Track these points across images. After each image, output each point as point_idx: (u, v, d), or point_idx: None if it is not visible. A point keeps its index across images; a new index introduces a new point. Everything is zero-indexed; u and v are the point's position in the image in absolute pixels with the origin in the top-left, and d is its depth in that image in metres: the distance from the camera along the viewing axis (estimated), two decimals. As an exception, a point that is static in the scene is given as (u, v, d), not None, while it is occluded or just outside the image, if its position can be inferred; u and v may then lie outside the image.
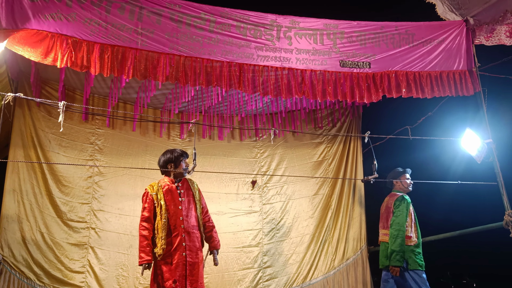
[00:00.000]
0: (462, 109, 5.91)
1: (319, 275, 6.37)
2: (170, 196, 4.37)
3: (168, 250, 4.21)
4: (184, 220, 4.31)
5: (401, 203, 5.14)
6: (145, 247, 4.16)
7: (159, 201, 4.32)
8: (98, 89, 5.71)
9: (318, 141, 6.97)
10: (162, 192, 4.37)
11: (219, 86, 4.64)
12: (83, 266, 5.35)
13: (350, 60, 5.13)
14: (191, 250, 4.27)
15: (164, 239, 4.21)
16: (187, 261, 4.21)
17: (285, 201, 6.58)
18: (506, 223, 4.92)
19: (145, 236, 4.20)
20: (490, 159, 5.20)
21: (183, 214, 4.33)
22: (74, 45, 4.16)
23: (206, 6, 4.75)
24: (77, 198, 5.51)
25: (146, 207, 4.33)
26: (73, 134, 5.66)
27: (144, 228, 4.24)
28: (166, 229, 4.25)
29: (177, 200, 4.38)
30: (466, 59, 5.52)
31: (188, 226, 4.32)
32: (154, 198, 4.34)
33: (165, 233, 4.23)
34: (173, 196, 4.38)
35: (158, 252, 4.18)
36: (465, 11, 5.58)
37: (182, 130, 6.35)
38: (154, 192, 4.37)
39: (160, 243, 4.20)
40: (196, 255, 4.30)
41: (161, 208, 4.29)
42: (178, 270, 4.16)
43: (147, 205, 4.33)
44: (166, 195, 4.36)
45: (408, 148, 6.20)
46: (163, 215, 4.27)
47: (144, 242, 4.18)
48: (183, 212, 4.34)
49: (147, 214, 4.29)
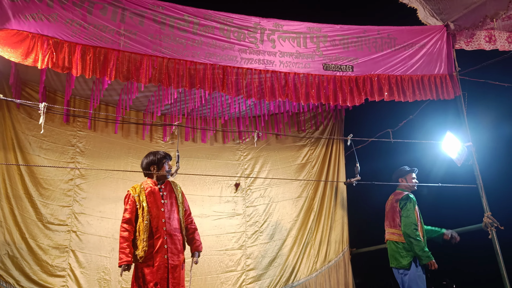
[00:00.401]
0: (443, 113, 5.99)
1: (301, 277, 6.39)
2: (152, 198, 4.34)
3: (149, 253, 4.17)
4: (166, 223, 4.29)
5: (407, 202, 5.07)
6: (125, 248, 4.13)
7: (141, 203, 4.29)
8: (80, 91, 5.65)
9: (301, 144, 7.00)
10: (144, 194, 4.34)
11: (203, 88, 4.63)
12: (63, 269, 5.27)
13: (333, 64, 5.16)
14: (173, 253, 4.25)
15: (146, 241, 4.18)
16: (169, 263, 4.19)
17: (268, 203, 6.59)
18: (485, 224, 5.00)
19: (125, 238, 4.16)
20: (470, 162, 5.27)
21: (165, 217, 4.31)
22: (55, 46, 4.11)
23: (190, 8, 4.74)
24: (58, 201, 5.44)
25: (128, 208, 4.29)
26: (54, 136, 5.59)
27: (124, 230, 4.20)
28: (148, 231, 4.22)
29: (159, 202, 4.35)
30: (447, 63, 5.60)
31: (170, 228, 4.29)
32: (136, 200, 4.31)
33: (147, 235, 4.20)
34: (156, 198, 4.35)
35: (140, 254, 4.15)
36: (445, 16, 5.67)
37: (165, 133, 6.32)
38: (137, 194, 4.34)
39: (142, 245, 4.16)
40: (178, 258, 4.28)
41: (143, 210, 4.26)
42: (160, 273, 4.13)
43: (128, 206, 4.29)
44: (148, 197, 4.33)
45: (389, 151, 6.27)
46: (145, 217, 4.24)
47: (124, 244, 4.14)
48: (165, 215, 4.32)
49: (128, 216, 4.26)
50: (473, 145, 5.30)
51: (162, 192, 4.43)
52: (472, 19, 5.43)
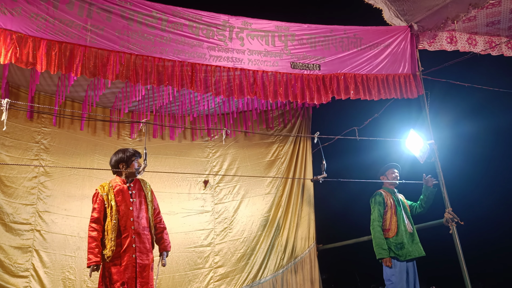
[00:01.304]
0: (406, 111, 6.14)
1: (268, 274, 6.44)
2: (121, 196, 4.29)
3: (117, 252, 4.13)
4: (135, 221, 4.25)
5: (372, 200, 5.34)
6: (94, 248, 4.07)
7: (110, 201, 4.24)
8: (45, 87, 5.52)
9: (270, 141, 7.05)
10: (113, 193, 4.29)
11: (171, 85, 4.60)
12: (26, 269, 5.15)
13: (301, 62, 5.23)
14: (141, 252, 4.21)
15: (114, 240, 4.13)
16: (137, 263, 4.15)
17: (237, 200, 6.62)
18: (446, 220, 5.15)
19: (94, 237, 4.11)
20: (432, 159, 5.42)
21: (134, 215, 4.27)
22: (19, 40, 4.00)
23: (158, 5, 4.70)
24: (21, 199, 5.30)
25: (96, 207, 4.23)
26: (17, 133, 5.44)
27: (93, 229, 4.14)
28: (116, 230, 4.17)
29: (128, 200, 4.31)
30: (411, 63, 5.74)
31: (138, 227, 4.26)
32: (105, 198, 4.25)
33: (115, 235, 4.15)
34: (124, 197, 4.31)
35: (107, 254, 4.10)
36: (409, 17, 5.81)
37: (132, 130, 6.25)
38: (105, 192, 4.28)
39: (110, 244, 4.12)
40: (147, 257, 4.24)
41: (112, 209, 4.21)
42: (128, 272, 4.09)
43: (97, 205, 4.23)
44: (117, 195, 4.28)
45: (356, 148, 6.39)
46: (114, 216, 4.19)
47: (92, 244, 4.09)
48: (134, 213, 4.28)
49: (97, 215, 4.20)
50: (435, 143, 5.44)
51: (131, 190, 4.39)
52: (435, 21, 5.59)
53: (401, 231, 5.15)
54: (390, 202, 5.29)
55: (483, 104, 6.11)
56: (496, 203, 6.05)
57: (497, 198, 6.15)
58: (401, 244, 5.10)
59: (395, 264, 5.07)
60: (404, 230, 5.17)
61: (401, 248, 5.09)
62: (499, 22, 5.74)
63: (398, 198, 5.38)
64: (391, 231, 5.18)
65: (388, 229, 5.19)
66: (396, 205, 5.29)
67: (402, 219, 5.23)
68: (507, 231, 5.94)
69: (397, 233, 5.14)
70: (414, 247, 5.12)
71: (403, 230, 5.16)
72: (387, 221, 5.22)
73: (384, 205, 5.27)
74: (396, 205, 5.29)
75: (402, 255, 5.07)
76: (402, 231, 5.15)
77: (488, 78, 5.78)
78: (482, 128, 6.06)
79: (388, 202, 5.29)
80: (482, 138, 6.11)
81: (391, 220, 5.21)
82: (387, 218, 5.23)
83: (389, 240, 5.14)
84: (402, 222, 5.21)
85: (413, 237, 5.19)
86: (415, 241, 5.17)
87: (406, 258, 5.06)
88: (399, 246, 5.10)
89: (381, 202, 5.26)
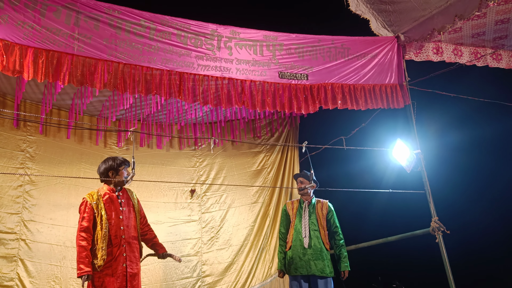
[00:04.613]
0: (393, 121, 6.19)
1: (256, 283, 6.43)
2: (111, 205, 4.26)
3: (108, 261, 4.09)
4: (125, 230, 4.23)
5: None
6: (84, 258, 4.01)
7: (100, 210, 4.20)
8: (31, 95, 5.48)
9: (257, 150, 7.06)
10: (102, 201, 4.25)
11: (159, 94, 4.60)
12: (11, 279, 5.07)
13: (289, 72, 5.25)
14: (131, 261, 4.19)
15: (105, 249, 4.09)
16: (127, 272, 4.13)
17: (224, 209, 6.60)
18: (433, 229, 5.18)
19: (84, 247, 4.05)
20: (419, 168, 5.46)
21: (124, 224, 4.25)
22: (5, 48, 3.98)
23: (146, 13, 4.70)
24: (6, 208, 5.23)
25: (86, 216, 4.17)
26: (2, 141, 5.38)
27: (83, 239, 4.08)
28: (107, 239, 4.13)
29: (118, 209, 4.28)
30: (397, 73, 5.80)
31: (128, 236, 4.24)
32: (94, 207, 4.21)
33: (106, 244, 4.11)
34: (114, 206, 4.28)
35: (98, 263, 4.05)
36: (396, 28, 5.88)
37: (119, 138, 6.22)
38: (94, 201, 4.23)
39: (101, 253, 4.07)
40: (136, 266, 4.23)
41: (102, 218, 4.17)
42: (119, 281, 4.07)
43: (86, 214, 4.17)
44: (106, 204, 4.25)
45: (343, 158, 6.41)
46: (104, 225, 4.15)
47: (83, 253, 4.02)
48: (124, 222, 4.25)
49: (86, 224, 4.14)
50: (421, 152, 5.49)
51: (120, 199, 4.36)
52: (421, 32, 5.66)
53: (295, 245, 5.03)
54: (292, 214, 5.23)
55: (469, 114, 6.17)
56: (482, 212, 6.10)
57: (483, 207, 6.20)
58: (291, 258, 5.01)
59: (290, 278, 5.06)
60: (300, 244, 4.99)
61: (291, 263, 5.00)
62: (484, 33, 5.83)
63: (304, 210, 5.16)
64: (288, 244, 5.12)
65: (287, 242, 5.14)
66: (297, 217, 5.16)
67: (299, 233, 5.07)
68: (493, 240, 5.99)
69: (291, 247, 5.06)
70: (304, 264, 4.91)
71: (298, 244, 5.01)
72: (288, 234, 5.19)
73: (287, 216, 5.27)
74: (297, 217, 5.16)
75: (290, 270, 5.01)
76: (296, 246, 5.02)
77: (474, 88, 5.85)
78: (468, 137, 6.12)
79: (291, 213, 5.24)
80: (467, 147, 6.17)
81: (290, 232, 5.16)
82: (288, 231, 5.22)
83: (287, 253, 5.10)
84: (299, 235, 5.05)
85: (309, 252, 4.93)
86: (310, 257, 4.91)
87: (293, 273, 4.97)
88: (290, 260, 5.01)
89: (283, 214, 5.32)
